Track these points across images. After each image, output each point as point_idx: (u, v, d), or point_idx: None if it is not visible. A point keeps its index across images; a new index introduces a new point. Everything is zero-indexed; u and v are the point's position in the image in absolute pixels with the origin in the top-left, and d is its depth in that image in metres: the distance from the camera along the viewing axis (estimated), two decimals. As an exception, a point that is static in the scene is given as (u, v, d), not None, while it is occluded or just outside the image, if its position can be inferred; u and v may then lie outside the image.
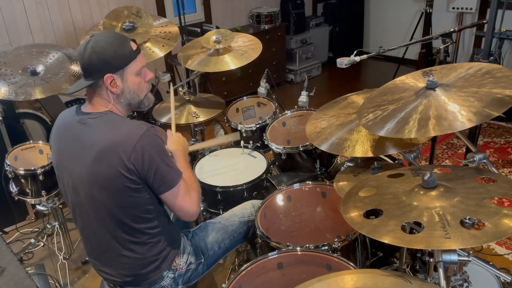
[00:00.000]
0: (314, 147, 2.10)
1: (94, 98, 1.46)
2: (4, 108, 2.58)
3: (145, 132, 1.38)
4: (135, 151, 1.35)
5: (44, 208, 2.39)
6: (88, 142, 1.40)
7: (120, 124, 1.43)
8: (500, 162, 3.40)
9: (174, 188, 1.44)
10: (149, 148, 1.37)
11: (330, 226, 1.83)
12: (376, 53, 1.90)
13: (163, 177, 1.41)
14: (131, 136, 1.36)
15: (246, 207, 1.89)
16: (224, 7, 4.89)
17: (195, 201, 1.51)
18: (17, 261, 1.48)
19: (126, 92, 1.48)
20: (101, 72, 1.41)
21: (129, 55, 1.44)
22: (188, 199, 1.49)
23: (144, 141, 1.37)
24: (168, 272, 1.57)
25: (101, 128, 1.42)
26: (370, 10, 5.99)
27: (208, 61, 2.40)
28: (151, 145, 1.38)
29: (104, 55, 1.39)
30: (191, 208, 1.50)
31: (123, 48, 1.43)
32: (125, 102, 1.50)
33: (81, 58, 1.42)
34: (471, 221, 1.15)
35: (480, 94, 1.32)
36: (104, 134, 1.40)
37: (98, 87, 1.44)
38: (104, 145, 1.37)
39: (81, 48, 1.42)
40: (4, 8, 3.35)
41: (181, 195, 1.46)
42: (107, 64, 1.40)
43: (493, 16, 1.79)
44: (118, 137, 1.37)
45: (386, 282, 1.11)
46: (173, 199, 1.46)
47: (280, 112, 2.56)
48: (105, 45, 1.40)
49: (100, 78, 1.42)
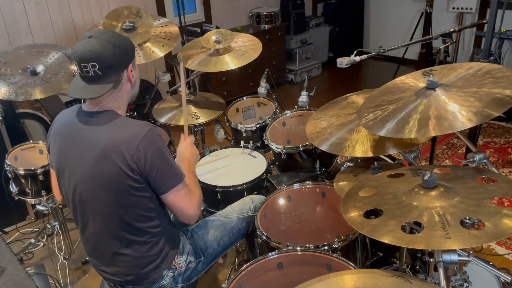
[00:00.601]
0: (314, 147, 2.10)
1: (102, 97, 1.41)
2: (4, 108, 2.58)
3: (148, 132, 1.38)
4: (138, 150, 1.35)
5: (44, 208, 2.38)
6: (91, 141, 1.40)
7: (124, 123, 1.43)
8: (500, 162, 3.40)
9: (175, 189, 1.44)
10: (151, 148, 1.37)
11: (330, 226, 1.83)
12: (376, 53, 1.90)
13: (164, 177, 1.41)
14: (134, 135, 1.37)
15: (245, 202, 1.89)
16: (224, 7, 4.89)
17: (195, 204, 1.51)
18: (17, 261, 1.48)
19: (137, 81, 1.51)
20: (125, 64, 1.42)
21: (134, 46, 1.47)
22: (188, 201, 1.49)
23: (147, 141, 1.37)
24: (168, 271, 1.57)
25: (104, 127, 1.41)
26: (370, 10, 5.99)
27: (208, 61, 2.40)
28: (154, 145, 1.38)
29: (123, 46, 1.40)
30: (190, 210, 1.50)
31: (126, 39, 1.45)
32: (134, 92, 1.52)
33: (101, 56, 1.33)
34: (471, 221, 1.15)
35: (480, 94, 1.32)
36: (108, 133, 1.39)
37: (117, 83, 1.42)
38: (108, 144, 1.37)
39: (96, 47, 1.33)
40: (4, 8, 3.35)
41: (181, 196, 1.46)
42: (129, 54, 1.43)
43: (493, 16, 1.79)
44: (122, 137, 1.37)
45: (386, 282, 1.11)
46: (173, 200, 1.46)
47: (280, 112, 2.56)
48: (115, 37, 1.39)
49: (125, 70, 1.42)
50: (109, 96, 1.42)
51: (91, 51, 1.33)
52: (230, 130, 2.68)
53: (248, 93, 3.46)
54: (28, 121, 3.19)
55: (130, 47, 1.44)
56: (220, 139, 2.82)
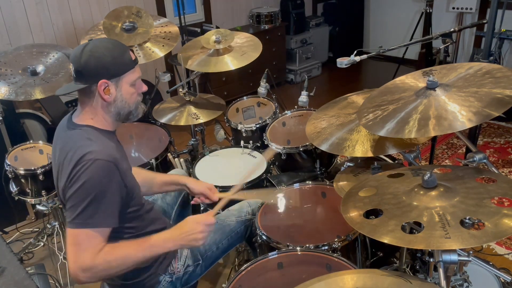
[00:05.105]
0: (314, 147, 2.10)
1: (84, 105, 1.42)
2: (4, 108, 2.58)
3: (94, 161, 1.28)
4: (72, 175, 1.28)
5: (44, 208, 2.38)
6: (63, 151, 1.37)
7: (83, 140, 1.36)
8: (500, 162, 3.40)
9: (73, 230, 1.27)
10: (82, 177, 1.27)
11: (330, 226, 1.83)
12: (376, 53, 1.90)
13: (72, 210, 1.28)
14: (77, 157, 1.29)
15: (242, 206, 1.88)
16: (224, 7, 4.89)
17: (79, 260, 1.25)
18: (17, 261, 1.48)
19: (118, 101, 1.42)
20: (96, 77, 1.36)
21: (127, 64, 1.41)
22: (75, 253, 1.26)
23: (84, 167, 1.27)
24: (165, 276, 1.56)
25: (72, 140, 1.37)
26: (370, 10, 5.99)
27: (208, 61, 2.40)
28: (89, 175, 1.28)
29: (102, 60, 1.36)
30: (70, 262, 1.26)
31: (122, 56, 1.40)
32: (114, 111, 1.43)
33: (76, 60, 1.36)
34: (471, 221, 1.15)
35: (480, 94, 1.32)
36: (70, 147, 1.35)
37: (89, 92, 1.39)
38: (60, 162, 1.35)
39: (78, 51, 1.37)
40: (4, 8, 3.35)
41: (71, 242, 1.27)
42: (103, 70, 1.36)
43: (493, 16, 1.79)
44: (72, 158, 1.31)
45: (386, 282, 1.11)
46: (67, 239, 1.29)
47: (280, 112, 2.56)
48: (105, 50, 1.37)
49: (94, 83, 1.37)
50: (87, 106, 1.41)
51: (74, 53, 1.39)
52: (230, 130, 2.68)
53: (248, 93, 3.46)
54: (28, 121, 3.19)
55: (112, 64, 1.37)
56: (220, 139, 2.82)
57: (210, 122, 2.51)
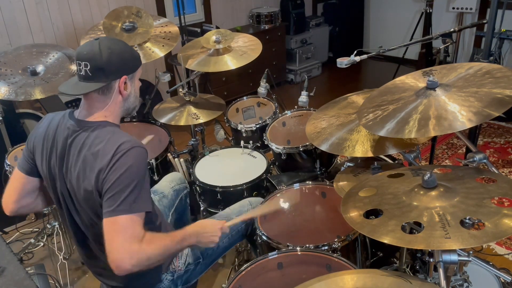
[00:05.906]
0: (314, 147, 2.10)
1: (95, 103, 1.37)
2: (4, 108, 2.58)
3: (131, 148, 1.29)
4: (109, 166, 1.27)
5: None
6: (78, 152, 1.34)
7: (108, 137, 1.33)
8: (500, 162, 3.40)
9: (115, 218, 1.25)
10: (124, 165, 1.27)
11: (330, 226, 1.83)
12: (376, 53, 1.90)
13: (114, 198, 1.25)
14: (111, 149, 1.28)
15: (243, 204, 1.88)
16: (224, 7, 4.89)
17: (132, 252, 1.23)
18: (17, 261, 1.47)
19: (131, 96, 1.43)
20: (118, 73, 1.35)
21: (139, 59, 1.43)
22: (122, 240, 1.23)
23: (125, 155, 1.27)
24: (166, 274, 1.56)
25: (98, 139, 1.33)
26: (370, 10, 5.99)
27: (208, 61, 2.40)
28: (126, 164, 1.27)
29: (123, 56, 1.35)
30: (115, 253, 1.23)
31: (134, 51, 1.41)
32: (126, 107, 1.43)
33: (95, 57, 1.31)
34: (471, 221, 1.15)
35: (480, 94, 1.32)
36: (93, 142, 1.33)
37: (107, 89, 1.36)
38: (87, 158, 1.31)
39: (93, 49, 1.31)
40: (4, 8, 3.35)
41: (117, 230, 1.24)
42: (125, 66, 1.36)
43: (493, 16, 1.79)
44: (101, 150, 1.29)
45: (386, 282, 1.11)
46: (108, 229, 1.25)
47: (280, 112, 2.56)
48: (122, 46, 1.36)
49: (116, 79, 1.35)
50: (100, 103, 1.37)
51: (88, 51, 1.32)
52: (230, 130, 2.69)
53: (248, 93, 3.46)
54: (28, 121, 3.20)
55: (131, 59, 1.39)
56: (220, 139, 2.82)
57: (210, 122, 2.51)
